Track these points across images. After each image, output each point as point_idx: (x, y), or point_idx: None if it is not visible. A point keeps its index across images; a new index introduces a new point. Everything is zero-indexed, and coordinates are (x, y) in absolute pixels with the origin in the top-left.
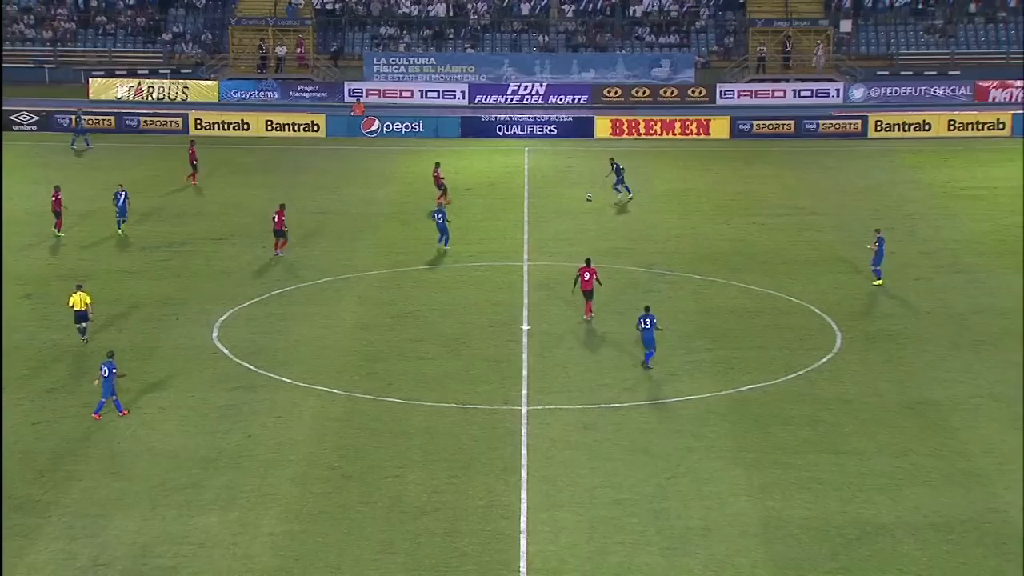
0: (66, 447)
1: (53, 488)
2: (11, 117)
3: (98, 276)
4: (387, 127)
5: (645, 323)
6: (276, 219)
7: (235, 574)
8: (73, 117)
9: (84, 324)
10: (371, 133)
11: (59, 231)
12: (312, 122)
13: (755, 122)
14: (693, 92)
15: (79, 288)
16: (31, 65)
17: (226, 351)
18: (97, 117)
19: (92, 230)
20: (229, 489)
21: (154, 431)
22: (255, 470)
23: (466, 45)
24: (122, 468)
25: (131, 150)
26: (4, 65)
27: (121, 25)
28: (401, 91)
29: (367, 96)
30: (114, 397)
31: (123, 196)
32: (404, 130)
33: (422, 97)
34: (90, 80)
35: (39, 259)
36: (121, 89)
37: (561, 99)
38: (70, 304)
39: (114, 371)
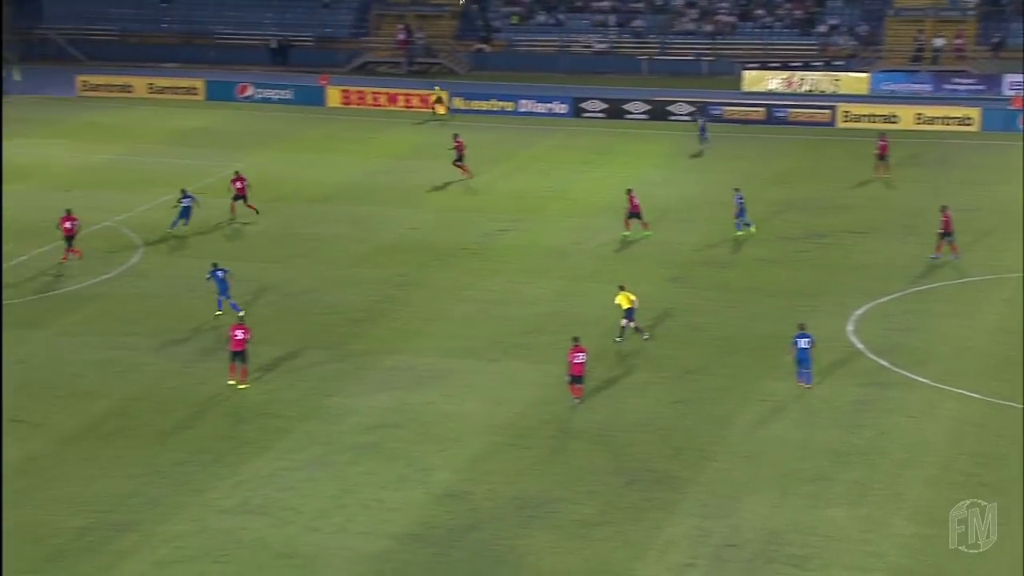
0: (703, 427)
1: (690, 466)
2: (667, 108)
3: (737, 264)
4: None
5: None
6: (944, 221)
7: (865, 571)
8: (699, 119)
9: (627, 322)
10: None
11: (628, 231)
12: (965, 116)
13: None
14: None
15: (621, 289)
16: (690, 58)
17: (860, 345)
18: (747, 109)
19: (723, 219)
20: (859, 485)
21: (785, 419)
22: (886, 468)
23: None
24: (753, 453)
25: (778, 142)
26: (668, 58)
27: (778, 18)
28: None
29: None
30: (807, 369)
31: (740, 199)
32: None
33: None
34: (744, 72)
35: (685, 244)
36: (773, 81)
37: None
38: (617, 303)
39: (813, 343)
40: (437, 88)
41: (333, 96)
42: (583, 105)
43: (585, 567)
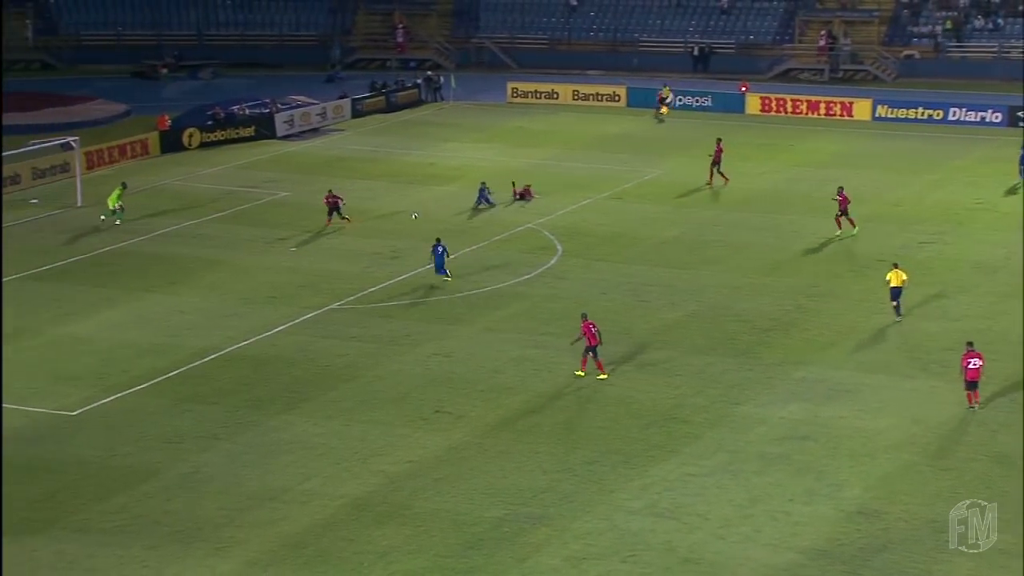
0: None
1: None
2: None
3: None
4: None
5: None
6: None
7: None
8: None
9: (896, 302)
10: None
11: (840, 230)
12: None
13: None
14: None
15: (896, 266)
16: None
17: None
18: None
19: None
20: None
21: None
22: None
23: None
24: None
25: None
26: None
27: None
28: None
29: None
30: None
31: None
32: None
33: None
34: None
35: None
36: None
37: None
38: (887, 279)
39: None
40: (665, 87)
41: (752, 103)
42: (1021, 114)
43: None
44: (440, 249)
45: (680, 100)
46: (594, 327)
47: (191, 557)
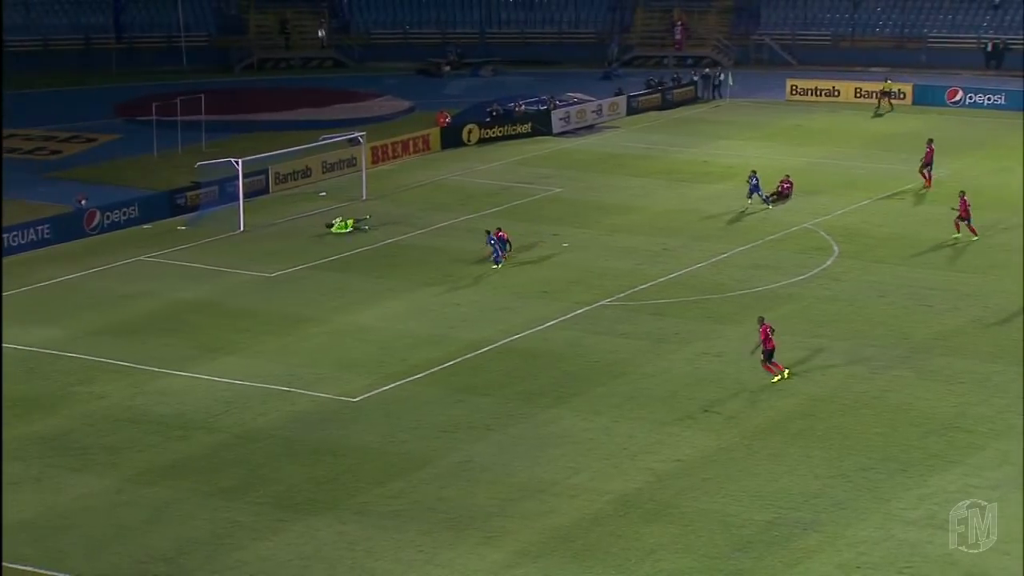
0: None
1: None
2: None
3: None
4: None
5: None
6: None
7: None
8: None
9: None
10: None
11: (957, 232)
12: None
13: None
14: None
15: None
16: None
17: None
18: None
19: None
20: None
21: None
22: None
23: None
24: None
25: None
26: None
27: None
28: None
29: None
30: None
31: None
32: None
33: None
34: None
35: None
36: None
37: None
38: None
39: None
40: (888, 81)
41: None
42: None
43: None
44: (501, 236)
45: (971, 98)
46: (771, 330)
47: (463, 544)
